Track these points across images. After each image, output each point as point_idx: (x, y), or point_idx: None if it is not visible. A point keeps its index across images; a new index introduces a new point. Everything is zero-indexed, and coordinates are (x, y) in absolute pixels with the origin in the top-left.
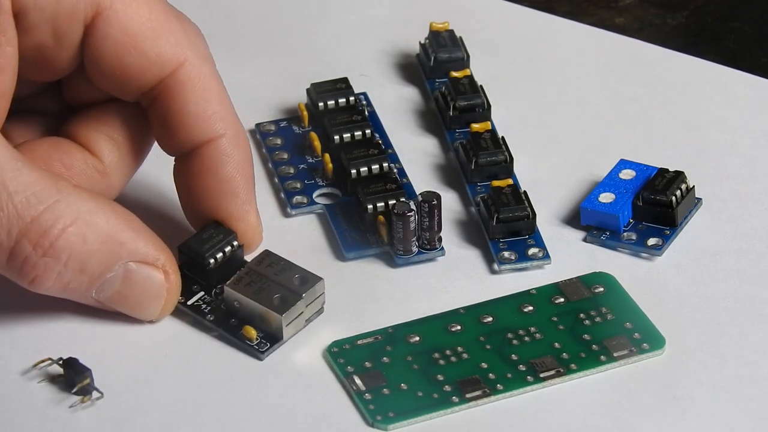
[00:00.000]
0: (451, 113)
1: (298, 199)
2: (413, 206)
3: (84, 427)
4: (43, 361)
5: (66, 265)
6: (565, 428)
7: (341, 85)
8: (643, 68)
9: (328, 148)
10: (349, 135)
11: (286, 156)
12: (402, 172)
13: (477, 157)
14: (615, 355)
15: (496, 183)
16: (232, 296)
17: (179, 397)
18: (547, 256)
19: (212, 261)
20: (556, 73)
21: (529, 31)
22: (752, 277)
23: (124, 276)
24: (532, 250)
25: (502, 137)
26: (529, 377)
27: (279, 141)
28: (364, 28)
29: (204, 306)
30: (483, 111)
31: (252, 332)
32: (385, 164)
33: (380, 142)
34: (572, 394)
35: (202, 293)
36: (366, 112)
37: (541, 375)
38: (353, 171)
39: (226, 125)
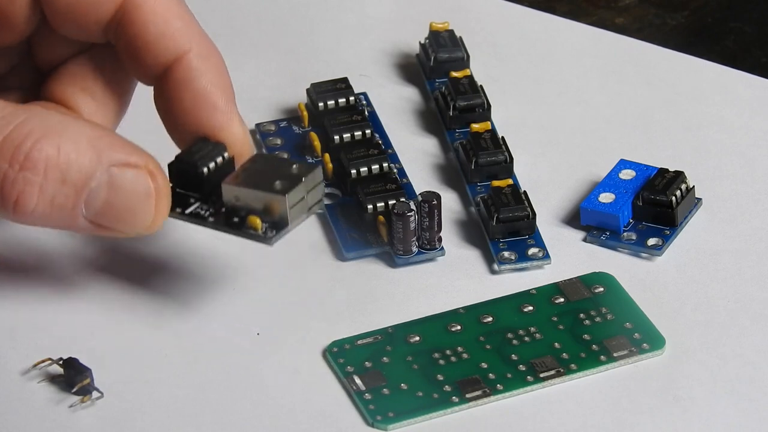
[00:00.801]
0: (451, 113)
1: None
2: (413, 206)
3: (84, 427)
4: (43, 361)
5: (46, 176)
6: (565, 428)
7: (341, 85)
8: (643, 68)
9: (328, 148)
10: (349, 135)
11: (286, 156)
12: (402, 172)
13: (477, 157)
14: (615, 355)
15: (496, 183)
16: (231, 192)
17: (179, 397)
18: (547, 256)
19: (205, 169)
20: (556, 73)
21: (529, 31)
22: (752, 277)
23: (108, 183)
24: (532, 250)
25: (502, 137)
26: (529, 377)
27: (279, 141)
28: (364, 28)
29: (203, 211)
30: (483, 111)
31: (257, 221)
32: (385, 164)
33: (380, 142)
34: (572, 394)
35: (198, 203)
36: (366, 112)
37: (541, 375)
38: (353, 171)
39: (191, 40)
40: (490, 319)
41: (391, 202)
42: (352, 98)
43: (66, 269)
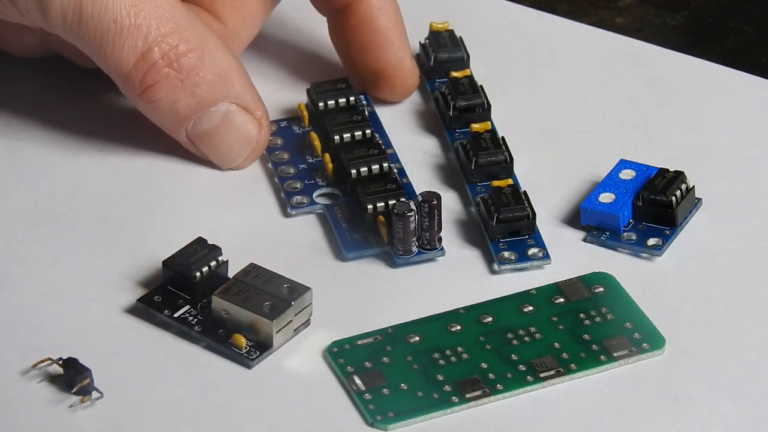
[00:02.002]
0: (451, 113)
1: (297, 199)
2: (413, 206)
3: (84, 427)
4: (43, 361)
5: (183, 82)
6: (565, 428)
7: (341, 85)
8: (643, 68)
9: (328, 148)
10: (349, 135)
11: (286, 156)
12: (402, 172)
13: (477, 157)
14: (615, 355)
15: (496, 183)
16: (220, 306)
17: (179, 397)
18: (547, 256)
19: (198, 274)
20: (556, 73)
21: (529, 31)
22: (752, 277)
23: (224, 114)
24: (532, 250)
25: (502, 137)
26: (529, 377)
27: (279, 141)
28: None
29: (191, 318)
30: (483, 111)
31: (241, 340)
32: (385, 164)
33: (380, 142)
34: (572, 394)
35: (188, 306)
36: (366, 112)
37: (541, 375)
38: (353, 171)
39: None
40: (490, 319)
41: (391, 202)
42: (352, 98)
43: (66, 269)
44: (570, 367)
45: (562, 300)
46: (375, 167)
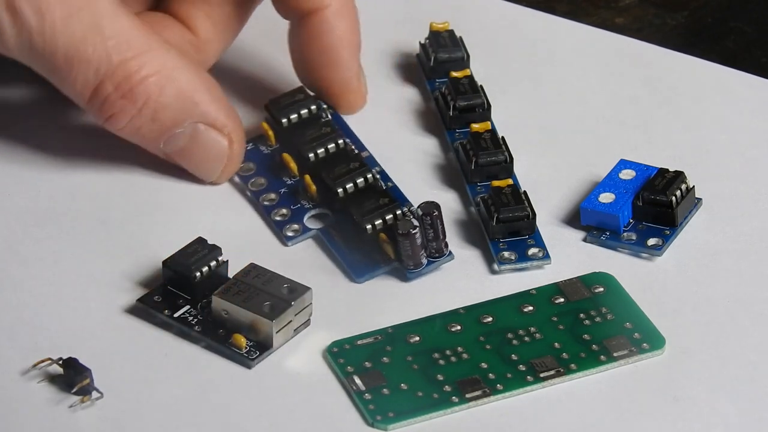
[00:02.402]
0: (451, 113)
1: (292, 228)
2: (416, 222)
3: (84, 427)
4: (43, 361)
5: (141, 110)
6: (565, 428)
7: (300, 96)
8: (643, 68)
9: (305, 167)
10: (323, 150)
11: (263, 182)
12: (384, 176)
13: (477, 157)
14: (615, 355)
15: (496, 183)
16: (220, 306)
17: (179, 397)
18: (547, 256)
19: (198, 274)
20: (556, 73)
21: (529, 31)
22: (752, 277)
23: (191, 135)
24: (532, 250)
25: (502, 137)
26: (529, 377)
27: (252, 165)
28: (364, 28)
29: (191, 318)
30: (483, 111)
31: (241, 340)
32: (369, 175)
33: (354, 148)
34: (572, 394)
35: (188, 306)
36: (330, 118)
37: (541, 375)
38: (339, 190)
39: None
40: (490, 319)
41: (388, 217)
42: (313, 107)
43: (66, 269)
44: (570, 367)
45: (562, 300)
46: (360, 181)
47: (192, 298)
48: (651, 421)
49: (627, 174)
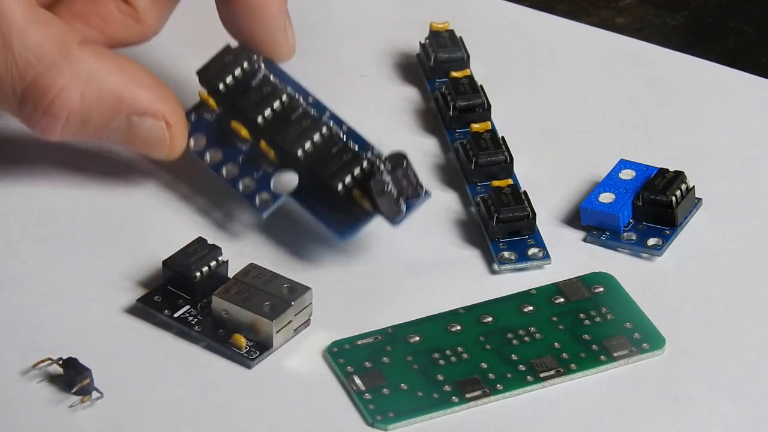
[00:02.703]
0: (451, 113)
1: (262, 198)
2: (387, 177)
3: (84, 427)
4: (43, 361)
5: (67, 120)
6: (565, 428)
7: (228, 57)
8: (643, 68)
9: (256, 132)
10: (269, 110)
11: (220, 155)
12: (337, 120)
13: (477, 157)
14: (615, 355)
15: (496, 183)
16: (220, 306)
17: (179, 397)
18: (547, 256)
19: (198, 274)
20: (556, 73)
21: (529, 31)
22: (752, 277)
23: (127, 127)
24: (532, 250)
25: (502, 137)
26: (529, 377)
27: (202, 137)
28: (364, 28)
29: (191, 318)
30: (483, 111)
31: (241, 340)
32: (324, 129)
33: (299, 99)
34: (572, 394)
35: (188, 306)
36: (268, 75)
37: (541, 375)
38: (299, 152)
39: None
40: (490, 319)
41: (356, 172)
42: (245, 64)
43: (66, 269)
44: (570, 367)
45: (562, 300)
46: (316, 137)
47: (192, 298)
48: (651, 421)
49: (627, 174)
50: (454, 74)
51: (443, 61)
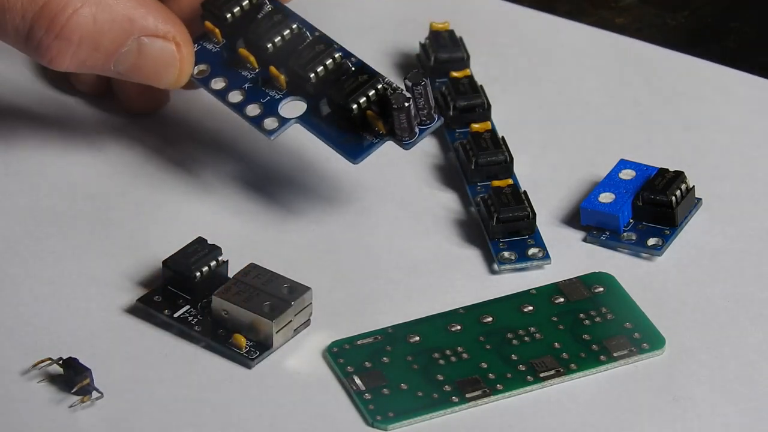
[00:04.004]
0: (451, 113)
1: (268, 123)
2: (408, 94)
3: (84, 427)
4: (43, 361)
5: (79, 45)
6: (565, 428)
7: None
8: (643, 68)
9: (264, 59)
10: (279, 38)
11: (224, 82)
12: (346, 52)
13: (477, 157)
14: (615, 355)
15: (496, 183)
16: (220, 306)
17: (179, 397)
18: (547, 256)
19: (198, 274)
20: (556, 73)
21: (529, 31)
22: (752, 277)
23: (137, 50)
24: (532, 250)
25: (502, 137)
26: (529, 377)
27: (204, 67)
28: (364, 28)
29: (191, 318)
30: (483, 111)
31: (242, 340)
32: (336, 55)
33: (305, 31)
34: (572, 394)
35: (188, 306)
36: (278, 7)
37: (541, 375)
38: (312, 75)
39: None
40: (490, 319)
41: (370, 93)
42: None
43: (66, 269)
44: (570, 367)
45: (562, 300)
46: (329, 62)
47: (192, 298)
48: (651, 421)
49: (627, 174)
50: (455, 74)
51: (443, 61)
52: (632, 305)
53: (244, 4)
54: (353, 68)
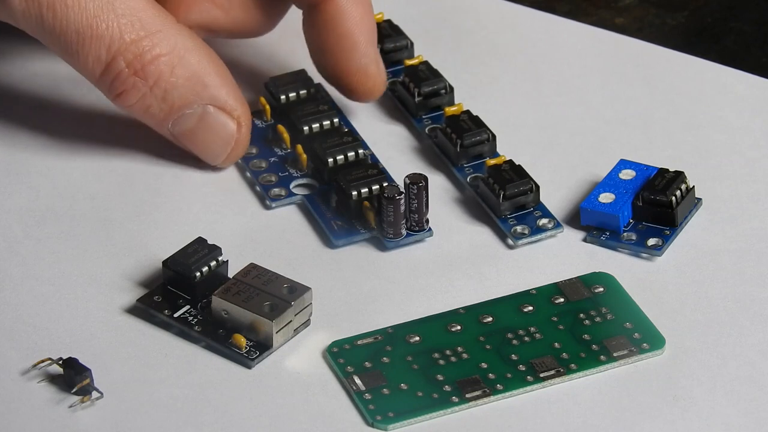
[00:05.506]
0: (416, 100)
1: (275, 191)
2: (402, 189)
3: (84, 427)
4: (43, 361)
5: (152, 88)
6: (565, 428)
7: (300, 77)
8: (643, 68)
9: (298, 140)
10: (318, 125)
11: (254, 151)
12: (374, 158)
13: (462, 139)
14: (615, 355)
15: (491, 162)
16: (220, 306)
17: (179, 397)
18: (558, 225)
19: (198, 274)
20: (556, 73)
21: (529, 31)
22: (752, 277)
23: (200, 116)
24: (542, 221)
25: (477, 116)
26: (529, 377)
27: (254, 149)
28: None
29: (191, 318)
30: (446, 93)
31: (242, 340)
32: (360, 151)
33: (348, 130)
34: (572, 394)
35: (188, 306)
36: (328, 99)
37: (541, 375)
38: (330, 159)
39: None
40: (490, 319)
41: (374, 187)
42: (312, 89)
43: (66, 269)
44: (570, 367)
45: (562, 300)
46: (351, 154)
47: (192, 298)
48: (651, 421)
49: (627, 174)
50: (409, 62)
51: (389, 51)
52: (632, 305)
53: (301, 92)
54: (373, 163)
